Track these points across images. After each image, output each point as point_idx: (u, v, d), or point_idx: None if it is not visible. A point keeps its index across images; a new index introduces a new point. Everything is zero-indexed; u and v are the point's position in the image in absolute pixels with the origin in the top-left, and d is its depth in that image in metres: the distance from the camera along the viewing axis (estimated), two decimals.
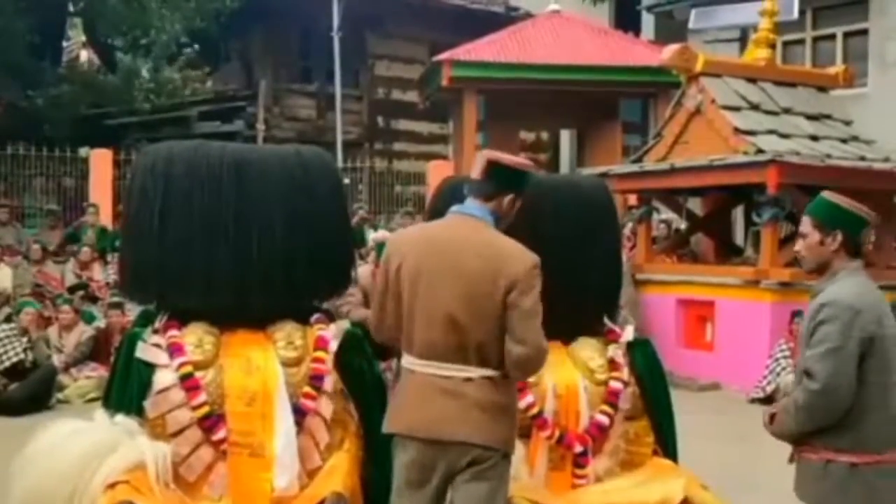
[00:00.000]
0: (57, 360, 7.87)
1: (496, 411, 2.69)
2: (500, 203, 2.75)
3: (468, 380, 2.67)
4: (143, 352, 3.18)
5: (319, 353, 3.27)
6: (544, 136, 16.93)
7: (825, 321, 2.63)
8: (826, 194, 2.84)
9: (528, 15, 15.69)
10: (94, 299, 9.44)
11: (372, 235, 4.84)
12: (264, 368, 3.21)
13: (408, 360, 2.76)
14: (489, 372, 2.68)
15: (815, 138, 8.87)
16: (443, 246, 2.71)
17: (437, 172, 13.40)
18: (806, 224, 2.79)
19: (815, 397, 2.61)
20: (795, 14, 11.30)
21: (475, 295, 2.64)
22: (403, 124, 16.68)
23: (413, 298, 2.69)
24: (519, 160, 2.89)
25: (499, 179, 2.75)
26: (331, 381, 3.28)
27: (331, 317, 3.50)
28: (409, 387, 2.74)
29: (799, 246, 2.82)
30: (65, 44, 16.67)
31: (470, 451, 2.65)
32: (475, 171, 2.79)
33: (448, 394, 2.66)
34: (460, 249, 2.68)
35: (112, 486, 2.91)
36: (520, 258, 2.66)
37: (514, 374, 2.68)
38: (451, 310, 2.65)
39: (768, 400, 7.67)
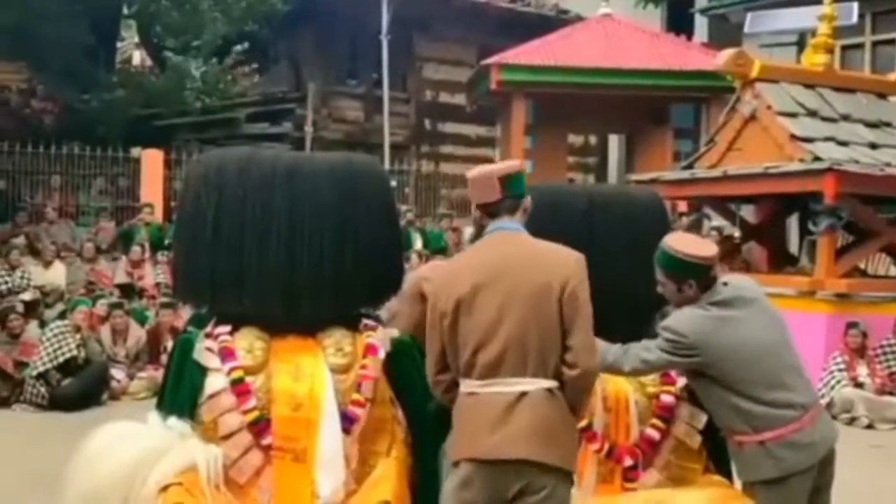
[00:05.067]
0: (116, 373, 8.00)
1: (555, 425, 2.66)
2: (524, 211, 2.86)
3: (524, 394, 2.65)
4: (196, 355, 3.21)
5: (368, 361, 3.27)
6: (592, 139, 16.80)
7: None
8: (669, 249, 3.14)
9: (579, 18, 15.57)
10: (145, 298, 9.61)
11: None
12: (312, 375, 3.20)
13: (467, 385, 2.75)
14: (547, 383, 2.66)
15: (874, 146, 8.64)
16: (491, 264, 2.75)
17: None
18: (660, 274, 3.18)
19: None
20: (854, 18, 11.01)
21: (531, 304, 2.66)
22: (450, 127, 16.65)
23: (469, 323, 2.71)
24: (514, 163, 3.02)
25: (514, 189, 2.84)
26: (379, 389, 3.27)
27: (380, 323, 3.50)
28: (470, 410, 2.72)
29: (661, 290, 3.22)
30: (118, 44, 17.02)
31: (523, 473, 2.61)
32: (487, 195, 2.84)
33: (505, 410, 2.64)
34: (508, 263, 2.72)
35: (165, 488, 2.94)
36: (566, 257, 2.74)
37: (568, 374, 2.64)
38: (508, 323, 2.66)
39: None
